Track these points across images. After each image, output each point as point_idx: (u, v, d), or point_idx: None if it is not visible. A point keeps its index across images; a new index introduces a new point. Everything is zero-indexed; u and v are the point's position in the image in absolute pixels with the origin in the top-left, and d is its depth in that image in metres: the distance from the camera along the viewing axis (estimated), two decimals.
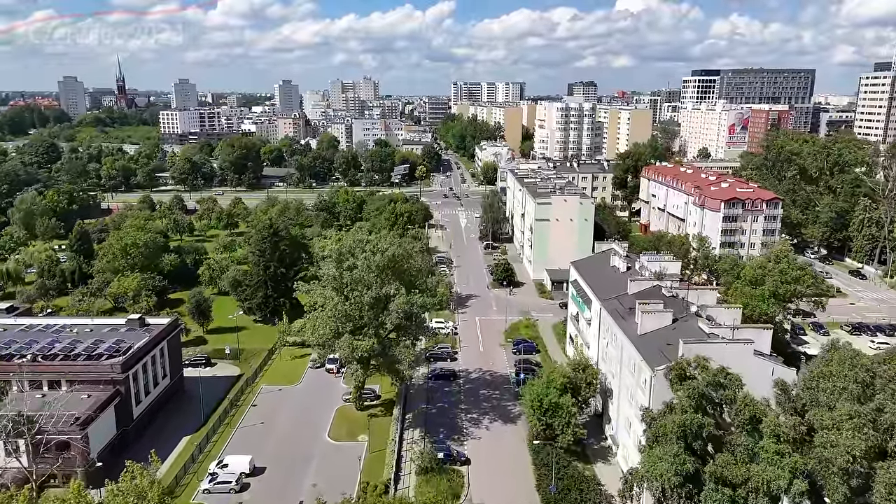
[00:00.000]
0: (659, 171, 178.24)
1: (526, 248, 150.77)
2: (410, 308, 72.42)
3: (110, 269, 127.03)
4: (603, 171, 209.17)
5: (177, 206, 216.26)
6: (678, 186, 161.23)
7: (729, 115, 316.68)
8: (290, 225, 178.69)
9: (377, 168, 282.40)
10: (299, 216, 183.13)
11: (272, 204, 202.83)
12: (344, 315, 70.96)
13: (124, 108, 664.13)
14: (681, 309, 70.09)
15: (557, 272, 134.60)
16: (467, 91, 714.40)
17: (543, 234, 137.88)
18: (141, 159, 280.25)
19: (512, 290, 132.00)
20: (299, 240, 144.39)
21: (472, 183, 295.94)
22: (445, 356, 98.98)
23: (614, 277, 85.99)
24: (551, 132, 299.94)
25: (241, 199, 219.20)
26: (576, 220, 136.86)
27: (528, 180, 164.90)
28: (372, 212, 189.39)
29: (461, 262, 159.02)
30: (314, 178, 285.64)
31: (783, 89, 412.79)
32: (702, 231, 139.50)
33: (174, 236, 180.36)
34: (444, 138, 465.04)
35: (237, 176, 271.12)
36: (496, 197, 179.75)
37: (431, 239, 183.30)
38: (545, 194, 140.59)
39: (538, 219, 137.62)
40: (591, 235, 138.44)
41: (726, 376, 55.84)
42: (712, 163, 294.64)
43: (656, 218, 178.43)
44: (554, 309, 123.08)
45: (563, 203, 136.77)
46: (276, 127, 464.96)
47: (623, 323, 71.94)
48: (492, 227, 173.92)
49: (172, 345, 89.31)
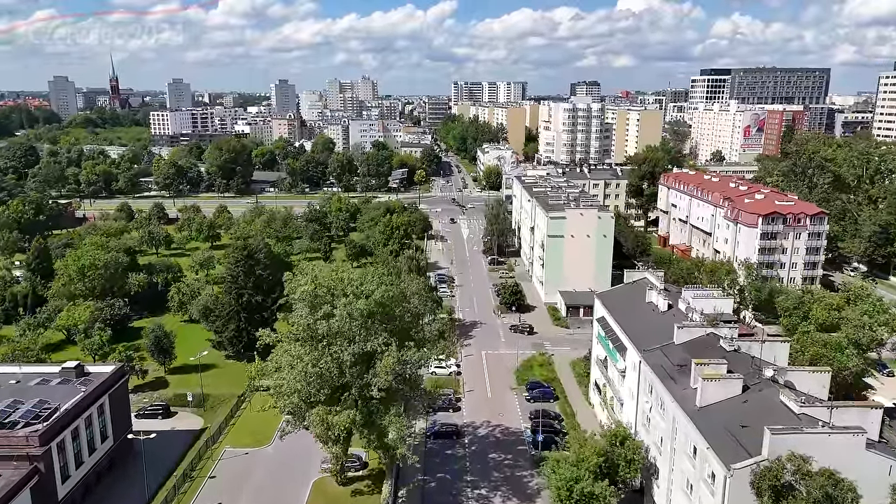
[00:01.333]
0: (680, 179, 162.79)
1: (536, 266, 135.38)
2: (404, 369, 56.85)
3: (65, 294, 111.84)
4: (616, 177, 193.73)
5: (156, 214, 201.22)
6: (704, 196, 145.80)
7: (744, 116, 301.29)
8: (277, 236, 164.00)
9: (374, 172, 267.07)
10: (286, 227, 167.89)
11: (258, 213, 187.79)
12: (317, 377, 55.44)
13: (117, 109, 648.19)
14: (750, 370, 54.70)
15: (573, 295, 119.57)
16: (468, 91, 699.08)
17: (557, 252, 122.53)
18: (123, 163, 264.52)
19: (522, 324, 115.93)
20: (283, 258, 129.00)
21: (474, 188, 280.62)
22: (447, 405, 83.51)
23: (653, 319, 70.55)
24: (557, 134, 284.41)
25: (226, 207, 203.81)
26: (593, 237, 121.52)
27: (537, 189, 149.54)
28: (366, 222, 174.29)
29: (463, 279, 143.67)
30: (307, 183, 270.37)
31: (796, 89, 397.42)
32: (735, 249, 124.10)
33: (150, 250, 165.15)
34: (445, 140, 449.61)
35: (225, 181, 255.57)
36: (501, 207, 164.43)
37: (431, 252, 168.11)
38: (558, 207, 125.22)
39: (551, 235, 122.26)
40: (610, 253, 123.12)
41: (835, 485, 40.56)
42: (727, 166, 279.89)
43: (677, 230, 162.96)
44: (571, 340, 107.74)
45: (578, 217, 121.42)
46: (270, 128, 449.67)
47: (673, 387, 56.52)
48: (497, 240, 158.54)
49: (117, 398, 73.86)
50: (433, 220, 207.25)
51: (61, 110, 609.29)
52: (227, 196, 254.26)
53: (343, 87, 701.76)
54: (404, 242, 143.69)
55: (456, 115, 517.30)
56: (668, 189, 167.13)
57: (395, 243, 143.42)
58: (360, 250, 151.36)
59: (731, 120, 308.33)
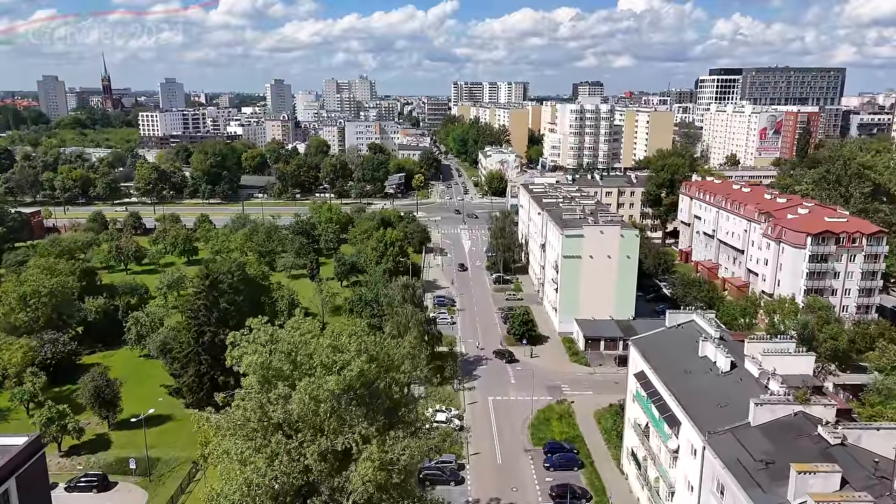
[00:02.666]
0: (705, 188, 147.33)
1: (548, 288, 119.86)
2: (389, 475, 41.02)
3: (3, 327, 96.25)
4: (630, 184, 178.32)
5: (132, 224, 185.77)
6: (734, 209, 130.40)
7: (760, 117, 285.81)
8: (259, 251, 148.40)
9: (369, 177, 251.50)
10: (270, 241, 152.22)
11: (242, 223, 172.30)
12: (268, 491, 39.74)
13: (108, 109, 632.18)
14: (871, 480, 39.27)
15: (592, 325, 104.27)
16: (468, 91, 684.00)
17: (573, 275, 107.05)
18: (102, 167, 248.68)
19: (533, 353, 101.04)
20: (260, 280, 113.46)
21: (476, 193, 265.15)
22: (447, 478, 67.93)
23: (713, 383, 55.04)
24: (564, 137, 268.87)
25: (207, 216, 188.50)
26: (615, 258, 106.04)
27: (547, 200, 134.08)
28: (358, 235, 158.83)
29: (466, 301, 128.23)
30: (299, 189, 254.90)
31: (810, 90, 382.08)
32: (776, 273, 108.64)
33: (118, 265, 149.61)
34: (444, 142, 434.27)
35: (210, 187, 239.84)
36: (507, 219, 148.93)
37: (429, 268, 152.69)
38: (574, 223, 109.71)
39: (566, 255, 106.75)
40: (634, 277, 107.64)
41: None
42: (743, 171, 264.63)
43: (701, 245, 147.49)
44: (592, 382, 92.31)
45: (598, 235, 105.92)
46: (264, 130, 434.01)
47: (761, 497, 41.00)
48: (502, 256, 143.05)
49: (31, 478, 58.20)
50: (432, 230, 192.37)
51: (51, 111, 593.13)
52: (212, 203, 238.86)
53: (340, 87, 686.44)
54: (399, 261, 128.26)
55: (456, 117, 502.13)
56: (691, 199, 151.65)
57: (389, 261, 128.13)
58: (350, 267, 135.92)
59: (746, 122, 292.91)
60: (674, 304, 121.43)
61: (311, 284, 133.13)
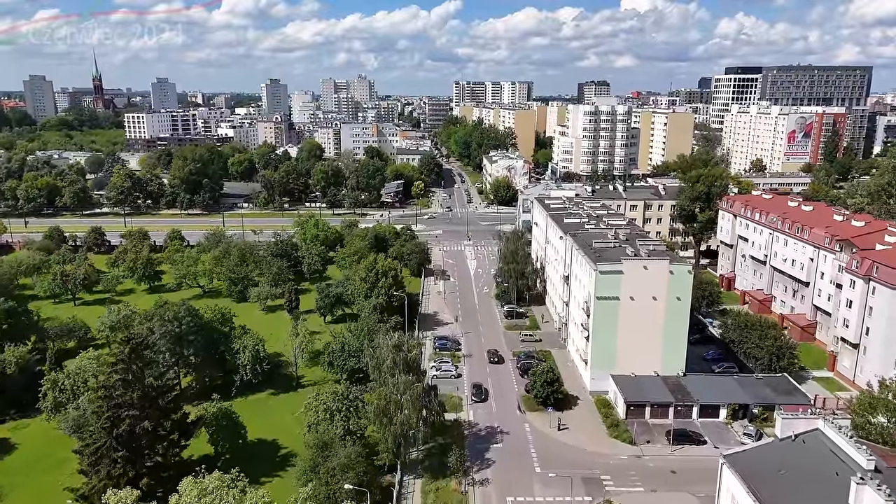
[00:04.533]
0: (753, 205, 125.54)
1: (574, 333, 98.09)
2: None
3: None
4: (658, 196, 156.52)
5: (93, 241, 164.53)
6: (794, 232, 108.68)
7: (788, 119, 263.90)
8: (231, 277, 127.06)
9: (364, 185, 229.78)
10: (244, 265, 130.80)
11: (217, 241, 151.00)
12: None
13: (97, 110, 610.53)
14: None
15: (633, 385, 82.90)
16: (470, 91, 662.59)
17: (609, 320, 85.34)
18: (70, 175, 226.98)
19: (560, 423, 79.38)
20: (217, 325, 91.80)
21: (481, 202, 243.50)
22: None
23: None
24: (577, 141, 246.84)
25: (179, 232, 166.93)
26: (662, 299, 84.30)
27: (569, 220, 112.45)
28: (346, 257, 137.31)
29: (472, 343, 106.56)
30: (288, 197, 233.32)
31: (835, 89, 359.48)
32: (863, 318, 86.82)
33: (66, 294, 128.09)
34: (446, 144, 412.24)
35: (189, 196, 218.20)
36: (520, 241, 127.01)
37: (430, 296, 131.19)
38: (610, 255, 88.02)
39: (601, 297, 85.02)
40: (685, 323, 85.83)
41: None
42: (772, 178, 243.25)
43: (748, 272, 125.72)
44: (642, 469, 70.62)
45: (641, 272, 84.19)
46: (256, 132, 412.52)
47: None
48: (515, 285, 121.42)
49: None
50: (433, 246, 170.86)
51: (37, 111, 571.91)
52: (191, 214, 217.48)
53: (338, 87, 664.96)
54: (393, 295, 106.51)
55: (458, 118, 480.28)
56: (735, 217, 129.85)
57: (380, 294, 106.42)
58: (335, 300, 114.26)
59: (773, 124, 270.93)
60: (725, 348, 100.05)
61: (289, 320, 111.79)
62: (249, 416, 78.10)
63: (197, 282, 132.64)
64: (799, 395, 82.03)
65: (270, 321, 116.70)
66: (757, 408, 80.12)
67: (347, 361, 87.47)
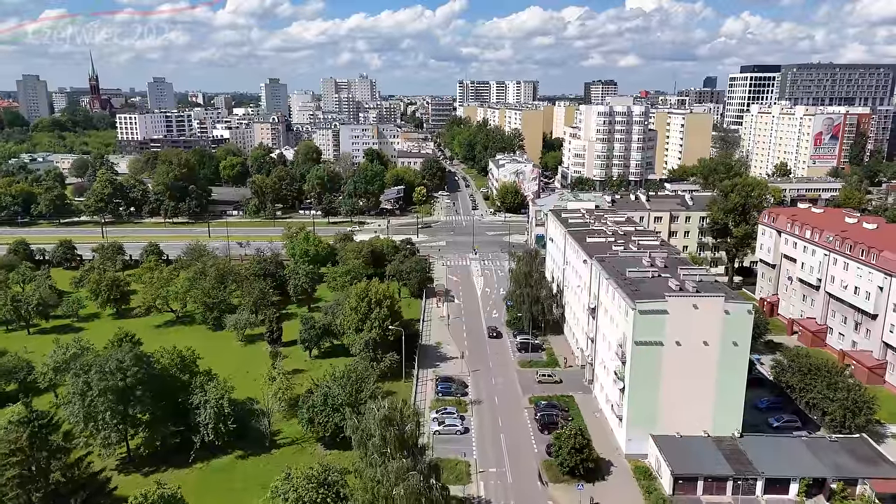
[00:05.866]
0: (802, 220, 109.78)
1: (605, 379, 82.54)
2: None
3: None
4: (685, 208, 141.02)
5: (61, 256, 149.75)
6: (857, 255, 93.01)
7: (814, 120, 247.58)
8: (206, 303, 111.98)
9: (362, 191, 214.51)
10: (222, 289, 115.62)
11: (197, 255, 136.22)
12: None
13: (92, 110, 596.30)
14: None
15: (680, 449, 67.49)
16: (474, 90, 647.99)
17: (650, 369, 69.87)
18: (47, 181, 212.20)
19: (593, 502, 64.00)
20: (175, 372, 76.41)
21: (487, 209, 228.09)
22: None
23: None
24: (590, 144, 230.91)
25: (157, 245, 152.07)
26: (715, 344, 68.83)
27: (593, 239, 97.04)
28: (339, 277, 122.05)
29: (481, 384, 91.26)
30: (281, 204, 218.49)
31: (857, 88, 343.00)
32: None
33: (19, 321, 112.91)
34: (450, 146, 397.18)
35: (174, 204, 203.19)
36: (534, 261, 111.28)
37: (431, 321, 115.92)
38: (650, 290, 72.48)
39: (641, 341, 69.52)
40: (743, 374, 70.26)
41: None
42: (798, 184, 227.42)
43: (796, 297, 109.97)
44: None
45: (690, 312, 68.68)
46: (252, 133, 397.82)
47: None
48: (529, 313, 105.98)
49: None
50: (435, 260, 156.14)
51: (31, 112, 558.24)
52: (176, 223, 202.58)
53: (339, 86, 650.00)
54: (387, 331, 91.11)
55: (462, 118, 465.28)
56: (780, 234, 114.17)
57: (373, 328, 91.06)
58: (322, 331, 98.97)
59: (797, 125, 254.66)
60: (780, 393, 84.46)
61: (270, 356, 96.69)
62: (206, 494, 62.95)
63: (169, 306, 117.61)
64: (886, 464, 66.51)
65: (248, 355, 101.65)
66: (836, 482, 64.69)
67: (331, 417, 72.25)
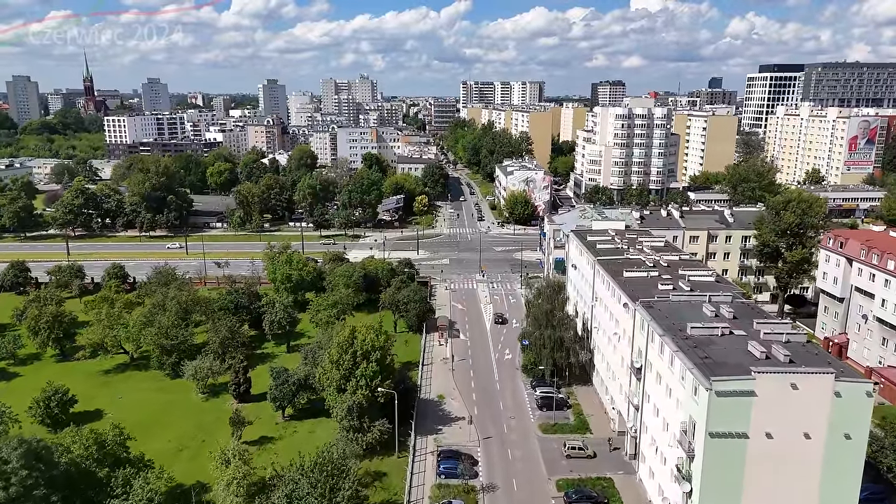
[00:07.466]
0: (881, 247, 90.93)
1: (658, 469, 63.63)
2: None
3: None
4: (725, 226, 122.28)
5: (13, 279, 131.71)
6: None
7: (849, 123, 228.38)
8: (164, 347, 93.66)
9: (357, 201, 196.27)
10: (182, 329, 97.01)
11: (164, 281, 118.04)
12: None
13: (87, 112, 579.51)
14: None
15: None
16: (478, 91, 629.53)
17: (729, 468, 51.20)
18: (12, 191, 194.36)
19: None
20: (91, 466, 57.80)
21: (494, 220, 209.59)
22: None
23: None
24: (606, 149, 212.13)
25: (121, 267, 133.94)
26: (820, 438, 50.20)
27: (632, 274, 78.34)
28: (322, 312, 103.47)
29: (494, 457, 72.73)
30: (270, 215, 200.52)
31: (885, 89, 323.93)
32: None
33: None
34: (453, 149, 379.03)
35: (151, 215, 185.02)
36: (557, 296, 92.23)
37: (433, 366, 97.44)
38: (724, 356, 53.76)
39: (717, 433, 50.79)
40: (858, 476, 51.58)
41: None
42: (834, 192, 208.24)
43: (873, 339, 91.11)
44: None
45: (785, 393, 50.03)
46: (246, 136, 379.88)
47: None
48: (551, 359, 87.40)
49: None
50: (437, 283, 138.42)
51: (21, 114, 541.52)
52: (153, 236, 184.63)
53: (339, 87, 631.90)
54: (376, 391, 72.52)
55: (465, 120, 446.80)
56: (850, 262, 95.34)
57: (359, 388, 72.38)
58: (297, 386, 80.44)
59: (829, 129, 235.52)
60: (878, 477, 65.61)
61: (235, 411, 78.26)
62: None
63: (121, 346, 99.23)
64: None
65: (209, 413, 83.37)
66: None
67: None
